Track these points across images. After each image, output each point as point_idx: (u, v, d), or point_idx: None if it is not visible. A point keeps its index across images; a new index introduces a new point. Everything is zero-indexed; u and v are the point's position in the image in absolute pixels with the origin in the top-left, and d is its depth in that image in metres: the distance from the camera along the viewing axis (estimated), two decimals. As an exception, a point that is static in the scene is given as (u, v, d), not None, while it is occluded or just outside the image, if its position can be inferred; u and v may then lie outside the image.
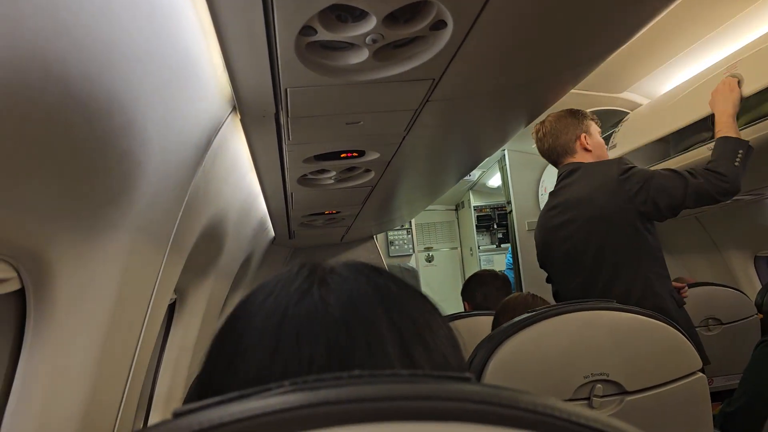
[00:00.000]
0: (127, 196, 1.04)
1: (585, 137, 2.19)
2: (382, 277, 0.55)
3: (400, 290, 0.55)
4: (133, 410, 1.41)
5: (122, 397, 1.28)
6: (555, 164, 2.32)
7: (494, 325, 2.00)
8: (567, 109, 2.26)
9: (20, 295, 0.95)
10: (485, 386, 0.33)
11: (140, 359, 1.37)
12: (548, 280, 2.33)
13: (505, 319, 1.92)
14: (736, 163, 1.87)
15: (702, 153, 2.06)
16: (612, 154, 2.64)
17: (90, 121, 0.80)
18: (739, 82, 2.01)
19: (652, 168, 2.31)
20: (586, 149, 2.19)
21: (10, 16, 0.57)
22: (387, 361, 0.48)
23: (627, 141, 2.86)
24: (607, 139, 2.77)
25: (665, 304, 1.91)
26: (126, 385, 1.30)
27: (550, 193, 2.29)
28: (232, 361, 0.51)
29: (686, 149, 2.44)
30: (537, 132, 2.32)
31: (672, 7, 1.25)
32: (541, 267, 2.36)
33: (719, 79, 2.14)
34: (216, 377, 0.53)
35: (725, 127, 1.96)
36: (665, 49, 2.38)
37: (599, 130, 2.29)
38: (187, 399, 0.56)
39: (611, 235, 1.99)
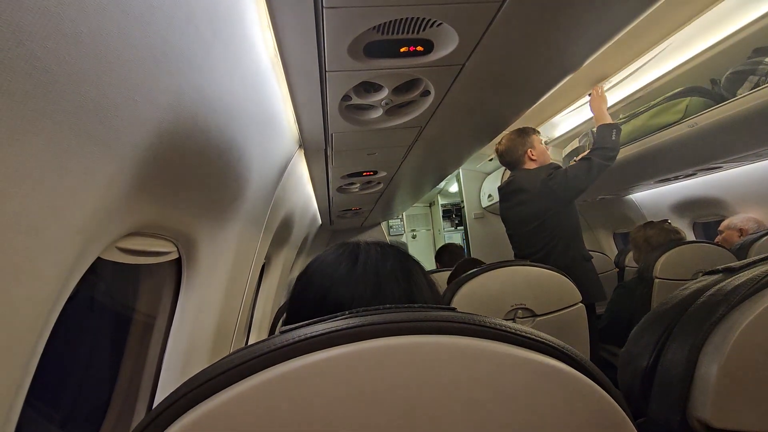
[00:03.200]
0: (239, 200, 1.05)
1: (531, 151, 1.92)
2: (401, 251, 0.57)
3: (411, 257, 0.58)
4: (243, 328, 1.41)
5: (237, 320, 1.29)
6: (512, 171, 2.01)
7: (451, 277, 1.93)
8: (515, 131, 1.96)
9: (178, 261, 0.96)
10: (464, 313, 0.34)
11: (246, 299, 1.38)
12: (513, 248, 2.05)
13: (459, 273, 1.84)
14: (613, 137, 1.76)
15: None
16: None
17: (219, 155, 0.81)
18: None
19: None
20: (531, 159, 1.92)
21: (175, 91, 0.58)
22: (424, 287, 0.52)
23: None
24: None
25: (575, 260, 1.80)
26: (239, 313, 1.30)
27: (506, 192, 1.98)
28: (326, 287, 0.51)
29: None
30: (496, 150, 2.03)
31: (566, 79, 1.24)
32: (509, 239, 2.07)
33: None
34: (308, 300, 0.51)
35: (603, 119, 1.83)
36: (555, 106, 2.32)
37: (541, 139, 1.99)
38: (287, 319, 0.55)
39: (546, 219, 1.82)
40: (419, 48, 0.89)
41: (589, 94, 1.93)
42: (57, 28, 0.34)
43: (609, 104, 1.97)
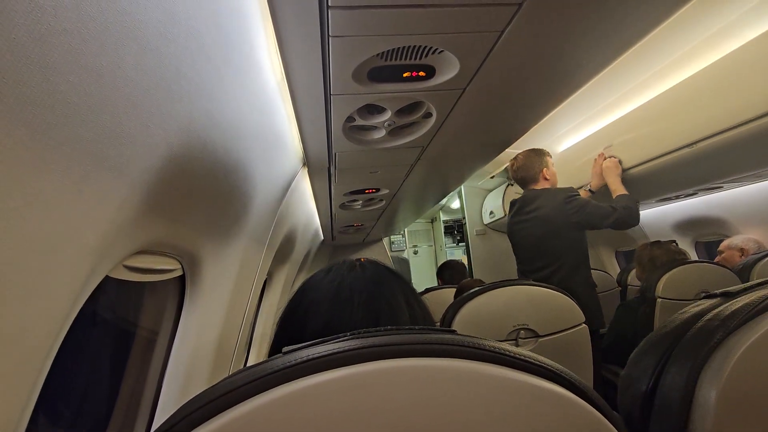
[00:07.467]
0: (244, 218, 1.06)
1: (545, 170, 1.94)
2: (389, 268, 0.58)
3: (398, 274, 0.58)
4: (244, 345, 1.41)
5: (238, 336, 1.28)
6: (524, 187, 1.99)
7: (456, 296, 1.91)
8: (532, 149, 1.98)
9: (182, 278, 0.97)
10: (463, 336, 0.34)
11: (247, 315, 1.38)
12: (518, 261, 2.04)
13: (463, 293, 1.84)
14: (638, 209, 1.79)
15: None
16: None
17: (226, 174, 0.82)
18: (620, 162, 1.93)
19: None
20: (545, 178, 1.93)
21: (186, 117, 0.60)
22: (400, 310, 0.51)
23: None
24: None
25: (579, 285, 1.78)
26: (240, 330, 1.30)
27: (519, 207, 1.96)
28: (307, 312, 0.51)
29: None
30: (512, 165, 2.01)
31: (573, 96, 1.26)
32: (513, 252, 2.05)
33: (594, 150, 2.07)
34: (294, 323, 0.52)
35: (621, 190, 1.86)
36: (559, 123, 2.34)
37: (553, 162, 2.01)
38: (276, 338, 0.55)
39: (556, 239, 1.82)
40: (421, 73, 0.92)
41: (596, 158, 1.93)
42: (79, 63, 0.37)
43: (609, 122, 2.00)
